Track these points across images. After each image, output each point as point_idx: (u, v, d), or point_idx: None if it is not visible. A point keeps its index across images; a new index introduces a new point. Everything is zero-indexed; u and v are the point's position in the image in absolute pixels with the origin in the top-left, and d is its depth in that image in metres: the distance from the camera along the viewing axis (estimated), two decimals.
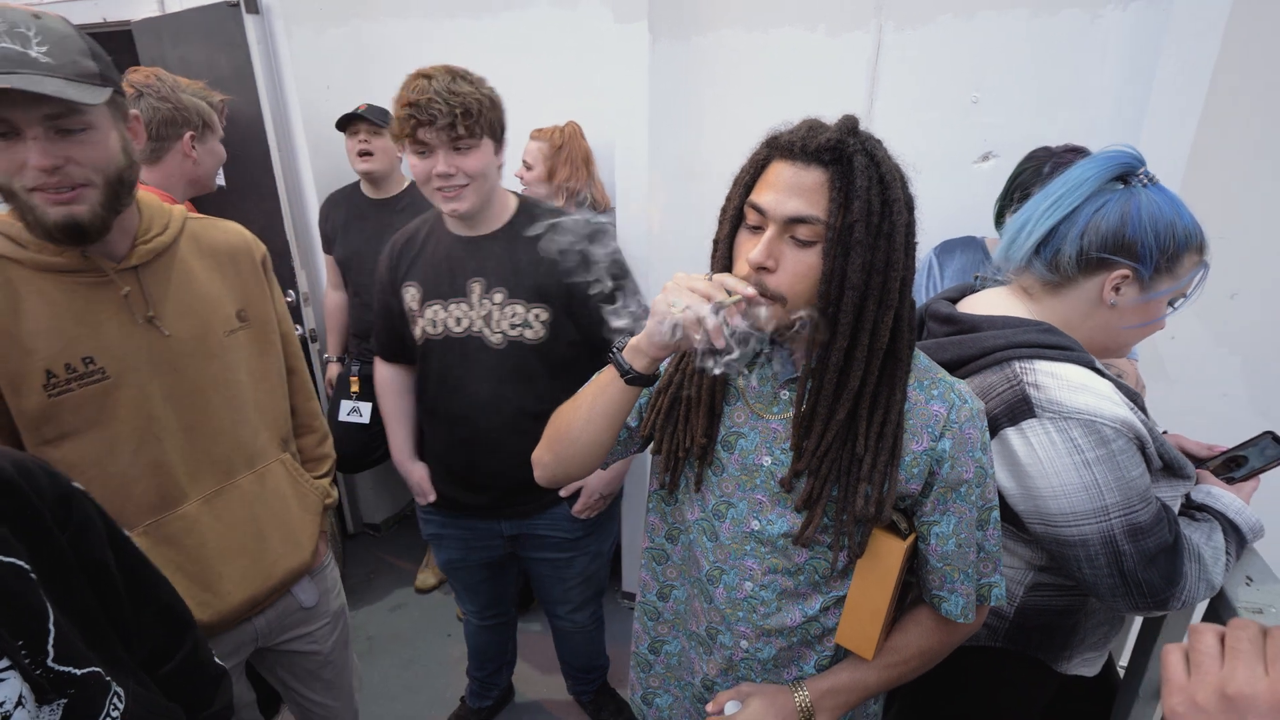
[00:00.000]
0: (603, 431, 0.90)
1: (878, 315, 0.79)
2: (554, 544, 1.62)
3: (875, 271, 0.77)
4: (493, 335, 1.40)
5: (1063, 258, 0.94)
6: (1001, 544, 0.91)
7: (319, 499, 1.28)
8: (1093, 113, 1.63)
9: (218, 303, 1.10)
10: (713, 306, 0.75)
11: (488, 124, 1.30)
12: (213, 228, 1.15)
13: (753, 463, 0.90)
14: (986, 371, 0.95)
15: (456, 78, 1.27)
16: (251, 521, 1.15)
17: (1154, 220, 0.89)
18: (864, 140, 0.77)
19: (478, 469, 1.51)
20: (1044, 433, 0.88)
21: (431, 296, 1.42)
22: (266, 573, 1.17)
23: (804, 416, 0.84)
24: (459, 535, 1.63)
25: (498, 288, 1.40)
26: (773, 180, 0.78)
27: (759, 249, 0.77)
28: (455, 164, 1.29)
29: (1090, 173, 0.93)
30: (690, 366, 0.93)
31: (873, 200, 0.74)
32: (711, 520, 0.95)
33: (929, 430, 0.84)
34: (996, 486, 0.90)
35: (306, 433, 1.32)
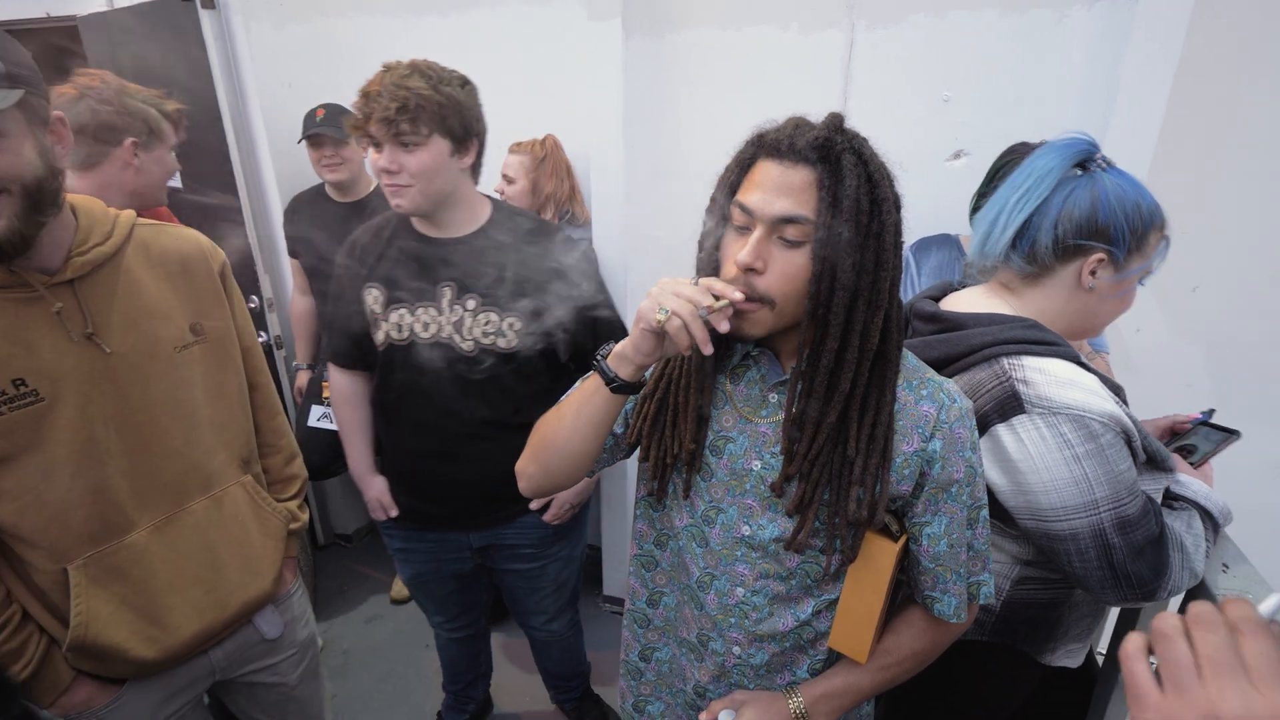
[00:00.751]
0: (589, 441, 0.88)
1: (868, 316, 0.78)
2: (525, 554, 1.59)
3: (865, 272, 0.76)
4: (464, 342, 1.36)
5: (1039, 248, 0.95)
6: (990, 541, 0.92)
7: (283, 523, 1.21)
8: (1059, 110, 1.66)
9: (168, 316, 1.04)
10: (701, 310, 0.73)
11: (439, 122, 1.23)
12: (165, 235, 1.08)
13: (742, 467, 0.88)
14: (975, 369, 0.95)
15: (415, 73, 1.22)
16: (206, 550, 1.08)
17: (1121, 202, 0.91)
18: (851, 138, 0.77)
19: (445, 480, 1.46)
20: (1034, 428, 0.89)
21: (397, 300, 1.37)
22: (222, 604, 1.11)
23: (794, 420, 0.83)
24: (425, 549, 1.58)
25: (470, 294, 1.35)
26: (759, 180, 0.77)
27: (747, 250, 0.76)
28: (398, 160, 1.24)
29: (1053, 162, 0.95)
30: (677, 372, 0.92)
31: (861, 199, 0.74)
32: (701, 526, 0.93)
33: (919, 431, 0.84)
34: (985, 484, 0.90)
35: (272, 453, 1.25)
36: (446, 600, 1.71)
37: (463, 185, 1.34)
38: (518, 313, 1.35)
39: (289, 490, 1.27)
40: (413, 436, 1.45)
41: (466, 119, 1.29)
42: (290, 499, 1.26)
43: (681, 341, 0.74)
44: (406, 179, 1.25)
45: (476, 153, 1.34)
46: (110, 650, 1.00)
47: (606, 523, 2.43)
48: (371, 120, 1.20)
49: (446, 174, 1.29)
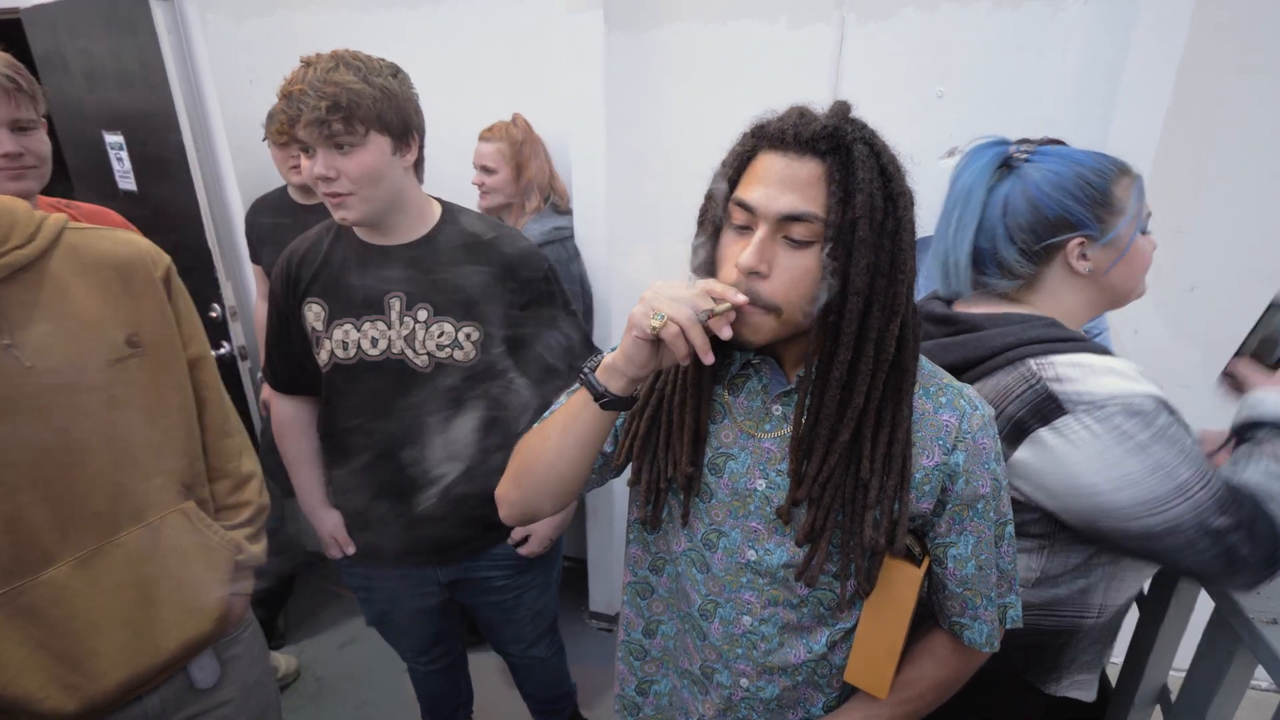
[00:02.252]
0: (576, 463, 0.80)
1: (883, 324, 0.71)
2: (497, 587, 1.48)
3: (880, 274, 0.69)
4: (417, 357, 1.24)
5: (1009, 264, 0.91)
6: (1016, 559, 0.86)
7: (229, 555, 1.09)
8: (1056, 107, 1.62)
9: (100, 327, 0.95)
10: (701, 315, 0.66)
11: (376, 118, 1.11)
12: (99, 239, 0.98)
13: (745, 487, 0.81)
14: (999, 373, 0.89)
15: (341, 65, 1.09)
16: (138, 585, 0.98)
17: (1059, 185, 0.87)
18: (861, 127, 0.70)
19: (405, 511, 1.33)
20: (1082, 427, 0.82)
21: (340, 315, 1.24)
22: (154, 647, 1.00)
23: (802, 439, 0.76)
24: (388, 587, 1.46)
25: (421, 304, 1.23)
26: (761, 174, 0.70)
27: (750, 252, 0.69)
28: (334, 165, 1.11)
29: (971, 178, 0.91)
30: (670, 386, 0.84)
31: (875, 194, 0.67)
32: (701, 550, 0.86)
33: (940, 443, 0.77)
34: (1010, 497, 0.84)
35: (218, 477, 1.14)
36: (417, 635, 1.59)
37: (408, 186, 1.23)
38: (475, 321, 1.24)
39: (236, 517, 1.15)
40: (362, 465, 1.32)
41: (404, 112, 1.16)
42: (238, 527, 1.14)
43: (679, 350, 0.67)
44: (347, 185, 1.13)
45: (418, 149, 1.23)
46: (23, 701, 0.89)
47: (593, 536, 2.34)
48: (299, 123, 1.08)
49: (390, 176, 1.17)
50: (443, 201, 1.32)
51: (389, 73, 1.16)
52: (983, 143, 0.93)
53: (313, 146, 1.11)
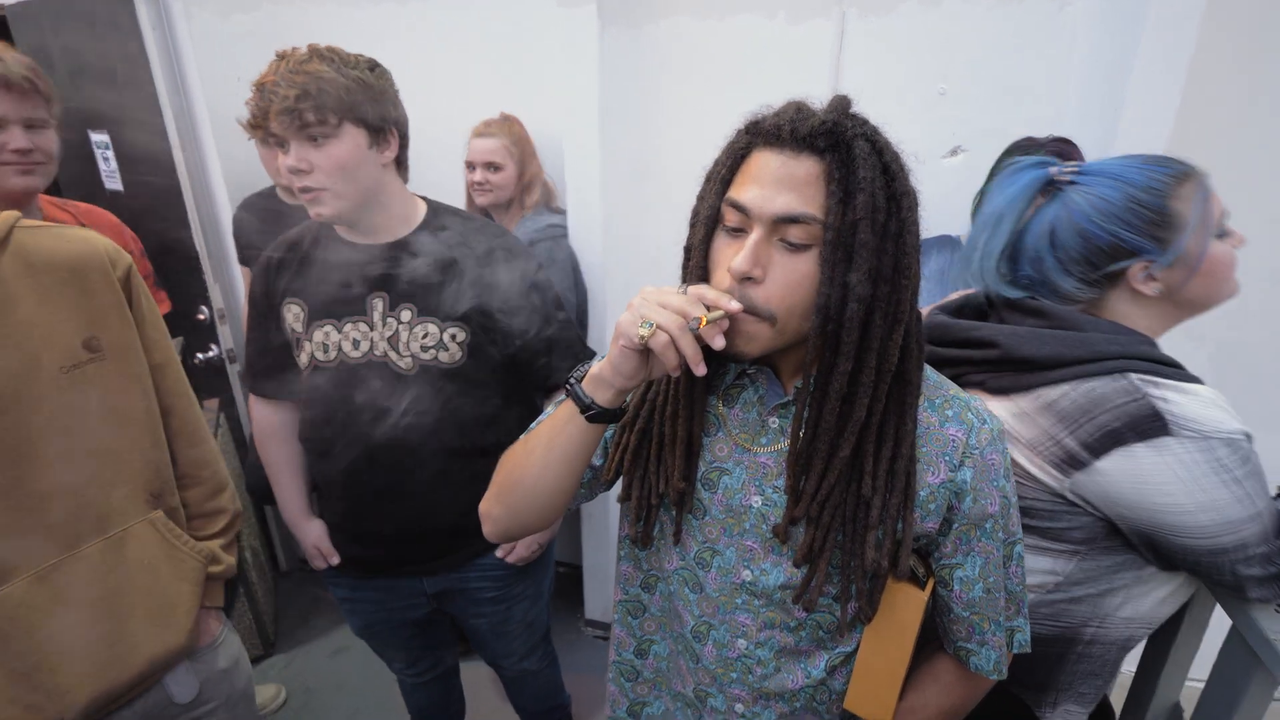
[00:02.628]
0: (563, 478, 0.76)
1: (886, 332, 0.67)
2: (487, 599, 1.44)
3: (883, 280, 0.65)
4: (401, 359, 1.20)
5: (1068, 293, 0.87)
6: (1025, 578, 0.82)
7: (201, 565, 1.05)
8: (1062, 105, 1.58)
9: (52, 331, 0.90)
10: (691, 324, 0.62)
11: (348, 109, 1.08)
12: (51, 237, 0.94)
13: (739, 504, 0.77)
14: (1097, 380, 0.84)
15: (315, 57, 1.07)
16: (104, 599, 0.95)
17: (1107, 214, 0.82)
18: (862, 123, 0.66)
19: (389, 520, 1.29)
20: (1184, 451, 0.80)
21: (320, 315, 1.21)
22: (123, 662, 0.96)
23: (800, 454, 0.72)
24: (373, 598, 1.42)
25: (404, 304, 1.19)
26: (756, 173, 0.66)
27: (743, 255, 0.64)
28: (307, 158, 1.08)
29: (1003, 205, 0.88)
30: (661, 397, 0.80)
31: (877, 194, 0.63)
32: (694, 570, 0.82)
33: (946, 458, 0.73)
34: (1019, 516, 0.80)
35: (192, 484, 1.10)
36: (405, 646, 1.55)
37: (389, 183, 1.18)
38: (461, 322, 1.20)
39: (211, 526, 1.11)
40: (348, 473, 1.27)
41: (381, 105, 1.13)
42: (213, 536, 1.11)
43: (669, 361, 0.64)
44: (321, 179, 1.09)
45: (400, 145, 1.19)
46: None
47: (588, 542, 2.30)
48: (270, 114, 1.05)
49: (366, 169, 1.13)
50: (429, 200, 1.28)
51: (365, 66, 1.12)
52: (1020, 164, 0.87)
53: (285, 139, 1.08)
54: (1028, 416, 0.88)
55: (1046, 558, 0.91)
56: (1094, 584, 0.91)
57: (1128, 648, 0.96)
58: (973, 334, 0.94)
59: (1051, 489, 0.87)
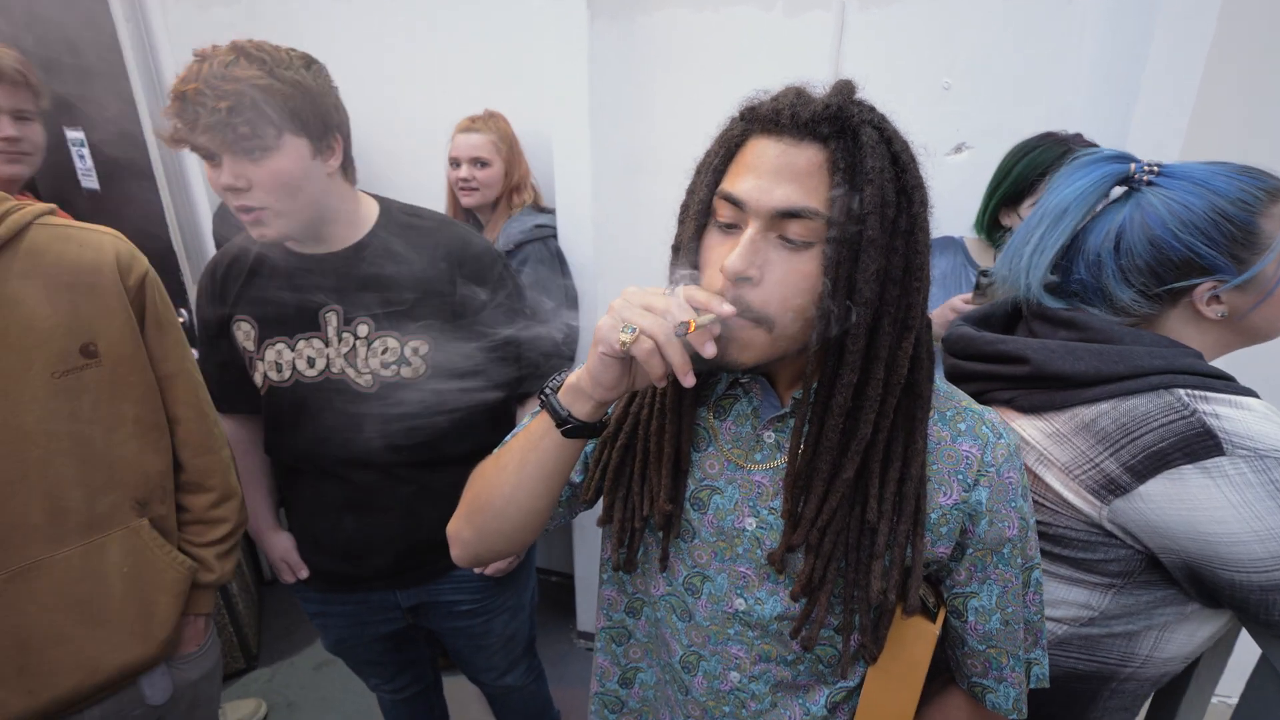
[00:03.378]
0: (537, 499, 0.70)
1: (895, 340, 0.62)
2: (464, 611, 1.37)
3: (892, 282, 0.59)
4: (360, 377, 1.13)
5: (1122, 304, 0.79)
6: (1043, 607, 0.75)
7: (184, 576, 1.05)
8: (1073, 99, 1.51)
9: (48, 334, 0.91)
10: (679, 329, 0.55)
11: (288, 118, 0.98)
12: (65, 239, 0.94)
13: (732, 526, 0.71)
14: (1139, 396, 0.77)
15: (242, 58, 0.96)
16: (78, 604, 0.96)
17: (1187, 224, 0.74)
18: (869, 110, 0.60)
19: (358, 535, 1.24)
20: (1238, 473, 0.72)
21: (272, 333, 1.13)
22: (91, 667, 0.98)
23: (799, 474, 0.65)
24: (346, 612, 1.36)
25: (361, 318, 1.12)
26: (753, 162, 0.60)
27: (737, 253, 0.58)
28: (244, 175, 0.97)
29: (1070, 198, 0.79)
30: (646, 411, 0.73)
31: (887, 187, 0.57)
32: (683, 596, 0.76)
33: (959, 477, 0.67)
34: (1037, 538, 0.74)
35: (197, 490, 1.11)
36: (380, 662, 1.49)
37: (335, 192, 1.09)
38: (423, 333, 1.12)
39: (210, 534, 1.12)
40: (313, 489, 1.22)
41: (322, 109, 1.02)
42: (211, 544, 1.12)
43: (654, 370, 0.58)
44: (261, 197, 0.99)
45: (343, 150, 1.10)
46: None
47: (580, 551, 2.23)
48: (197, 128, 0.94)
49: (311, 183, 1.03)
50: (380, 199, 1.19)
51: (300, 64, 1.02)
52: (1094, 156, 0.79)
53: (215, 154, 0.97)
54: (1063, 437, 0.81)
55: (1080, 589, 0.84)
56: (1132, 620, 0.84)
57: (1161, 683, 0.90)
58: (1000, 348, 0.86)
59: (1088, 518, 0.79)
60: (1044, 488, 0.82)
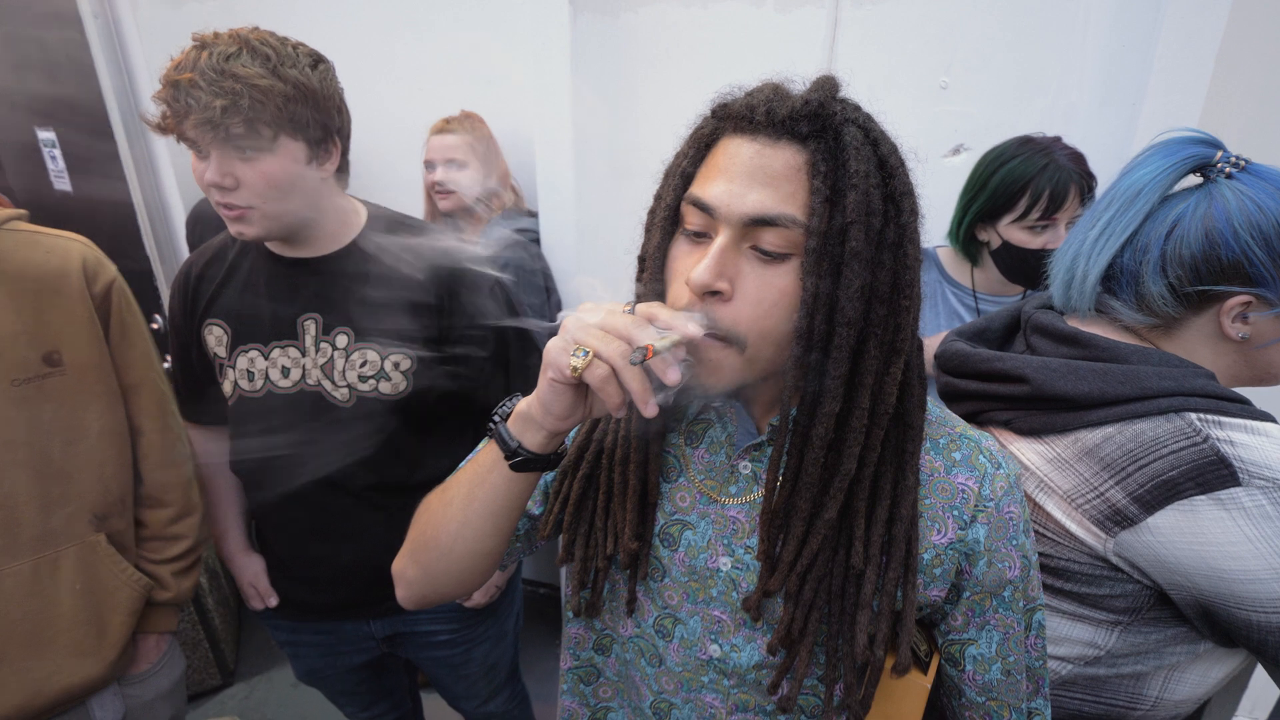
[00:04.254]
0: (485, 538, 0.64)
1: (883, 365, 0.56)
2: (442, 642, 1.31)
3: (878, 299, 0.54)
4: (336, 389, 1.07)
5: (1149, 298, 0.73)
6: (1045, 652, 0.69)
7: (138, 593, 1.03)
8: (1073, 98, 1.45)
9: (9, 341, 0.91)
10: (635, 354, 0.50)
11: (286, 120, 0.93)
12: (32, 245, 0.94)
13: (705, 565, 0.66)
14: (1147, 420, 0.71)
15: (245, 51, 0.91)
16: (25, 621, 0.94)
17: (1253, 225, 0.68)
18: (854, 109, 0.55)
19: (328, 562, 1.17)
20: (1255, 505, 0.66)
21: (245, 339, 1.08)
22: (35, 689, 0.95)
23: (776, 512, 0.60)
24: (317, 641, 1.29)
25: (340, 327, 1.06)
26: (724, 164, 0.54)
27: (704, 264, 0.53)
28: (232, 173, 0.93)
29: (1147, 178, 0.71)
30: (610, 437, 0.68)
31: (872, 193, 0.52)
32: (653, 639, 0.70)
33: (954, 513, 0.61)
34: (1039, 577, 0.68)
35: (156, 505, 1.09)
36: (355, 692, 1.43)
37: (327, 195, 1.04)
38: (405, 347, 1.07)
39: (168, 550, 1.10)
40: (281, 511, 1.15)
41: (324, 113, 0.98)
42: (167, 562, 1.09)
43: (610, 399, 0.52)
44: (247, 196, 0.94)
45: (341, 155, 1.05)
46: None
47: None
48: (187, 122, 0.89)
49: (302, 187, 0.98)
50: (369, 205, 1.14)
51: (307, 63, 0.96)
52: (1180, 137, 0.73)
53: (205, 147, 0.92)
54: (1065, 463, 0.75)
55: (1085, 627, 0.78)
56: (1141, 660, 0.78)
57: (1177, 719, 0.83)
58: (996, 366, 0.80)
59: (1092, 550, 0.73)
60: (1045, 517, 0.76)
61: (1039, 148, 1.19)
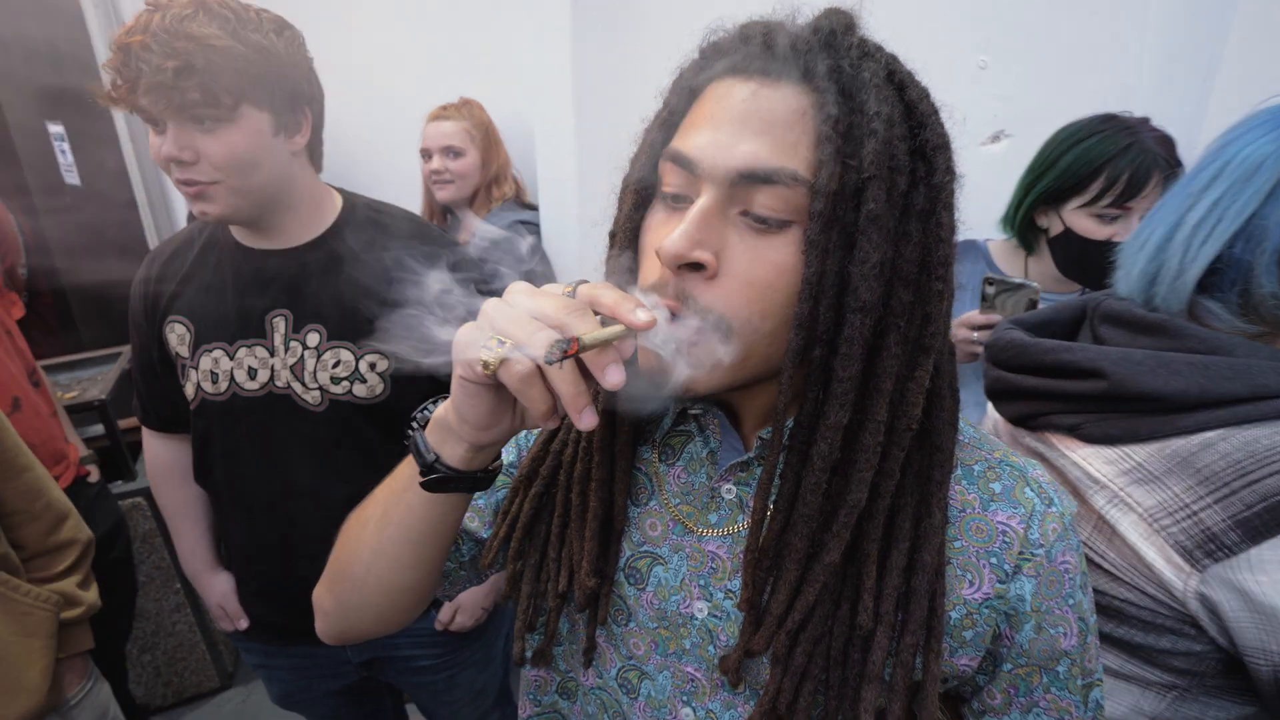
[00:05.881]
0: (404, 569, 0.54)
1: (906, 366, 0.45)
2: (424, 668, 1.22)
3: (903, 281, 0.43)
4: (307, 392, 0.99)
5: (1260, 301, 0.61)
6: None
7: (49, 614, 0.95)
8: (1130, 77, 1.30)
9: None
10: (553, 349, 0.38)
11: (249, 87, 0.87)
12: None
13: (678, 611, 0.54)
14: (1260, 426, 0.58)
15: (201, 12, 0.84)
16: None
17: None
18: (873, 45, 0.45)
19: (299, 581, 1.08)
20: None
21: (209, 338, 1.00)
22: None
23: (765, 551, 0.48)
24: (291, 665, 1.21)
25: (312, 325, 0.98)
26: (711, 110, 0.44)
27: (680, 230, 0.42)
28: (192, 145, 0.86)
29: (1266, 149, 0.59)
30: (570, 449, 0.57)
31: (897, 145, 0.41)
32: (616, 694, 0.59)
33: (992, 561, 0.49)
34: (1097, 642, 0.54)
35: (25, 520, 0.99)
36: (334, 717, 1.35)
37: (298, 176, 0.98)
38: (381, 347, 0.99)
39: (60, 562, 1.01)
40: (245, 526, 1.08)
41: (291, 80, 0.92)
42: (64, 574, 1.01)
43: (534, 405, 0.41)
44: (209, 172, 0.88)
45: (311, 128, 0.98)
46: None
47: None
48: (139, 88, 0.82)
49: (270, 162, 0.92)
50: (344, 193, 1.07)
51: (271, 28, 0.90)
52: None
53: (158, 119, 0.85)
54: (1149, 475, 0.62)
55: (1132, 688, 0.65)
56: None
57: None
58: (1064, 357, 0.68)
59: (1166, 588, 0.60)
60: (1110, 540, 0.63)
61: (1123, 126, 1.05)
